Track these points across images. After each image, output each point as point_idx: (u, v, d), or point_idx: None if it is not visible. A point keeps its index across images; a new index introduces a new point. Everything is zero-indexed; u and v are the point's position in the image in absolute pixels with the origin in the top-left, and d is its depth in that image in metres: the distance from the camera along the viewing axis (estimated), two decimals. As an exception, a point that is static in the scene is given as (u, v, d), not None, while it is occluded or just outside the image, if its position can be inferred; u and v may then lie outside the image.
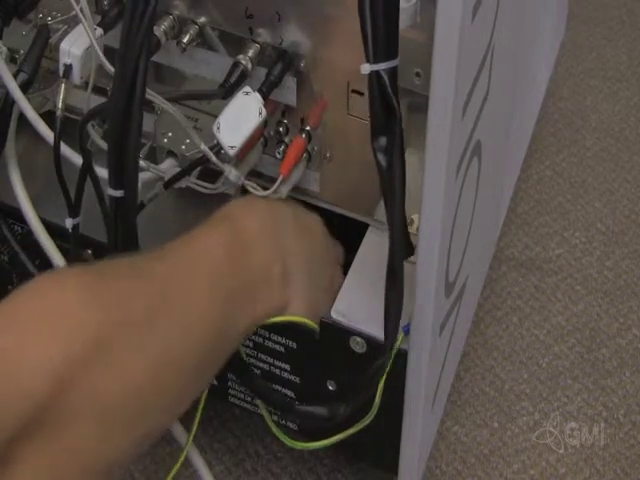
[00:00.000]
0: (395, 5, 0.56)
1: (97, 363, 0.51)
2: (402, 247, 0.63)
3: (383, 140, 0.60)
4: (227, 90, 0.66)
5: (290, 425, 0.79)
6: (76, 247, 0.74)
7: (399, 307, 0.65)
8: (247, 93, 0.65)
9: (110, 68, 0.63)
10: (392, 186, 0.61)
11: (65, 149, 0.69)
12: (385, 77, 0.57)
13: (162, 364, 0.56)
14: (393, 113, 0.58)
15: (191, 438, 0.75)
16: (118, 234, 0.66)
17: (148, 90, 0.62)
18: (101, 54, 0.63)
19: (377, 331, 0.69)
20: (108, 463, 0.54)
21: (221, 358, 0.64)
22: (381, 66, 0.57)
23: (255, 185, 0.69)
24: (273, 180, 0.69)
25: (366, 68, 0.57)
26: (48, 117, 0.70)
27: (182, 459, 0.74)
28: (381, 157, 0.60)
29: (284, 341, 0.75)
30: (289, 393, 0.78)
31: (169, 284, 0.59)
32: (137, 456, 0.58)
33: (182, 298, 0.59)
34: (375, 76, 0.57)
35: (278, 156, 0.71)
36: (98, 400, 0.52)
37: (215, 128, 0.65)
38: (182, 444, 0.76)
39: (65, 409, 0.50)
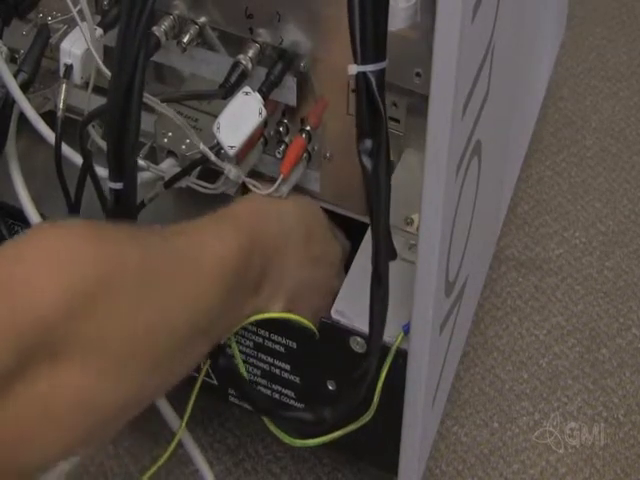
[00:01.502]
0: (384, 7, 0.56)
1: (97, 301, 0.53)
2: (387, 251, 0.63)
3: (369, 143, 0.59)
4: (227, 90, 0.66)
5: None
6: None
7: (384, 314, 0.65)
8: (247, 93, 0.65)
9: (106, 71, 0.62)
10: (377, 190, 0.60)
11: (66, 149, 0.69)
12: (372, 79, 0.57)
13: (156, 318, 0.57)
14: (379, 116, 0.58)
15: (184, 424, 0.75)
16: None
17: (147, 95, 0.62)
18: (97, 56, 0.63)
19: (377, 331, 0.69)
20: (99, 407, 0.55)
21: (206, 343, 0.64)
22: (368, 68, 0.57)
23: (256, 183, 0.69)
24: (273, 180, 0.69)
25: (353, 69, 0.57)
26: (49, 117, 0.70)
27: (173, 446, 0.75)
28: (366, 160, 0.60)
29: (284, 341, 0.75)
30: (289, 393, 0.78)
31: (172, 258, 0.60)
32: (127, 420, 0.59)
33: (182, 273, 0.60)
34: (362, 77, 0.57)
35: (278, 156, 0.71)
36: (96, 338, 0.53)
37: (215, 128, 0.65)
38: (181, 442, 0.76)
39: (66, 340, 0.51)
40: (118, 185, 0.64)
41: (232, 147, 0.65)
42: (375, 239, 0.62)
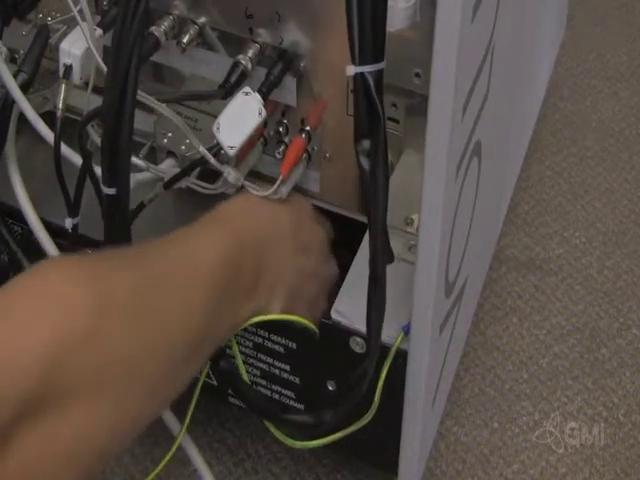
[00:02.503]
0: (383, 7, 0.56)
1: (88, 343, 0.52)
2: (384, 254, 0.63)
3: (367, 143, 0.59)
4: (227, 90, 0.66)
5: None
6: (76, 247, 0.74)
7: (381, 318, 0.65)
8: (247, 93, 0.65)
9: (106, 69, 0.62)
10: (374, 191, 0.60)
11: (65, 149, 0.69)
12: (370, 80, 0.57)
13: (153, 340, 0.57)
14: (377, 117, 0.58)
15: (184, 429, 0.74)
16: (112, 231, 0.66)
17: (145, 95, 0.62)
18: (97, 56, 0.63)
19: (377, 331, 0.69)
20: (98, 449, 0.54)
21: (207, 352, 0.64)
22: (366, 68, 0.57)
23: (255, 186, 0.69)
24: (273, 180, 0.69)
25: (351, 70, 0.57)
26: (48, 117, 0.70)
27: (174, 449, 0.75)
28: (364, 161, 0.59)
29: (284, 341, 0.75)
30: (289, 393, 0.78)
31: (162, 277, 0.59)
32: (127, 445, 0.58)
33: (173, 290, 0.59)
34: (360, 78, 0.57)
35: (278, 156, 0.71)
36: (92, 375, 0.52)
37: (215, 128, 0.65)
38: (181, 443, 0.76)
39: (55, 393, 0.51)
40: (112, 191, 0.64)
41: (232, 147, 0.65)
42: (372, 242, 0.62)
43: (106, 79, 0.60)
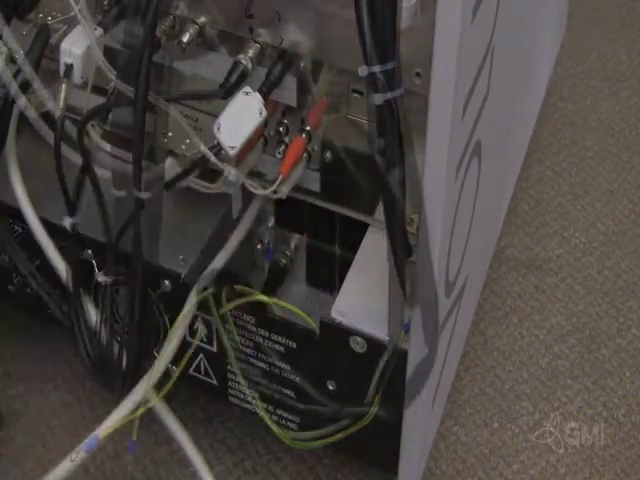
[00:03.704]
0: (393, 7, 0.56)
1: None
2: (403, 249, 0.63)
3: (381, 143, 0.59)
4: (227, 90, 0.66)
5: (290, 425, 0.79)
6: (76, 247, 0.74)
7: (402, 311, 0.65)
8: (247, 93, 0.65)
9: (109, 68, 0.62)
10: (392, 188, 0.61)
11: (65, 149, 0.69)
12: (383, 79, 0.57)
13: None
14: (392, 114, 0.58)
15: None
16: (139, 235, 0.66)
17: (151, 94, 0.62)
18: (100, 54, 0.63)
19: (377, 331, 0.69)
20: None
21: None
22: (378, 68, 0.57)
23: (255, 184, 0.69)
24: (273, 180, 0.69)
25: (364, 70, 0.57)
26: (48, 117, 0.70)
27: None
28: (380, 159, 0.60)
29: (284, 341, 0.75)
30: (289, 393, 0.78)
31: None
32: None
33: None
34: (372, 78, 0.57)
35: (278, 156, 0.71)
36: None
37: (215, 128, 0.65)
38: (180, 442, 0.76)
39: None
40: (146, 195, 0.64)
41: (232, 147, 0.65)
42: (391, 237, 0.62)
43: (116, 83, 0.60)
